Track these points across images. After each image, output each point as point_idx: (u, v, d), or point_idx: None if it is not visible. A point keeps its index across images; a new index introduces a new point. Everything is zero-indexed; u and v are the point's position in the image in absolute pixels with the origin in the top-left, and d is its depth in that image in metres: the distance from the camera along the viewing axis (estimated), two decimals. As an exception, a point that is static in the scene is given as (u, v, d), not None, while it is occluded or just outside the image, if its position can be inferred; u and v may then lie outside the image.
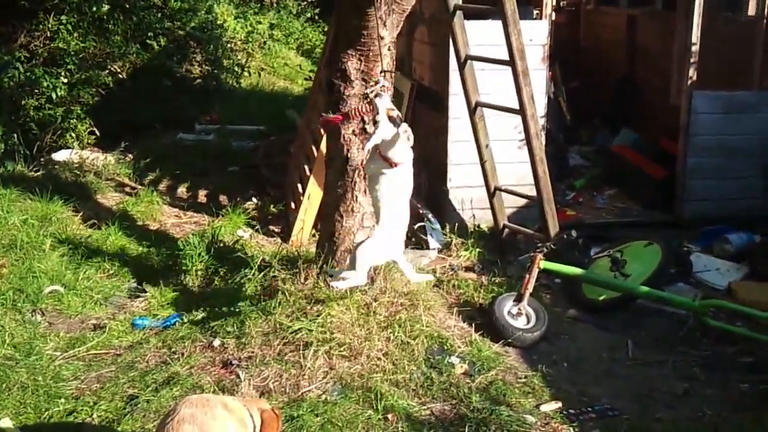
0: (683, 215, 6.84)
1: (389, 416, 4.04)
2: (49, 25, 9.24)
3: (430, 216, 6.43)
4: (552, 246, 5.41)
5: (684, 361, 4.83)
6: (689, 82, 6.68)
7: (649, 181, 7.21)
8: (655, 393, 4.48)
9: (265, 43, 13.94)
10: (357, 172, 4.81)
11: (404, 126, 4.24)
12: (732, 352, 4.92)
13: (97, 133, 8.97)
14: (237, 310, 4.84)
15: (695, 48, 6.61)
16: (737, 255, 6.19)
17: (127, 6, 9.55)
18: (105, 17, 9.32)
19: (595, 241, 6.23)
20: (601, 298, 5.43)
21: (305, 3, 17.66)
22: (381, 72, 4.65)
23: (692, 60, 6.63)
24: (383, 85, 4.57)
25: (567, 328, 5.21)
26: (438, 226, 6.38)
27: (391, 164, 4.29)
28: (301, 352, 4.40)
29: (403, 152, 4.29)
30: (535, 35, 6.35)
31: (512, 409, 4.15)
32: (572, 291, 5.62)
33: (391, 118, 4.28)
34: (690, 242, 6.42)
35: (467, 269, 5.96)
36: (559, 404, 4.27)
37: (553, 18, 6.78)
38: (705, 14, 6.59)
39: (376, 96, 4.42)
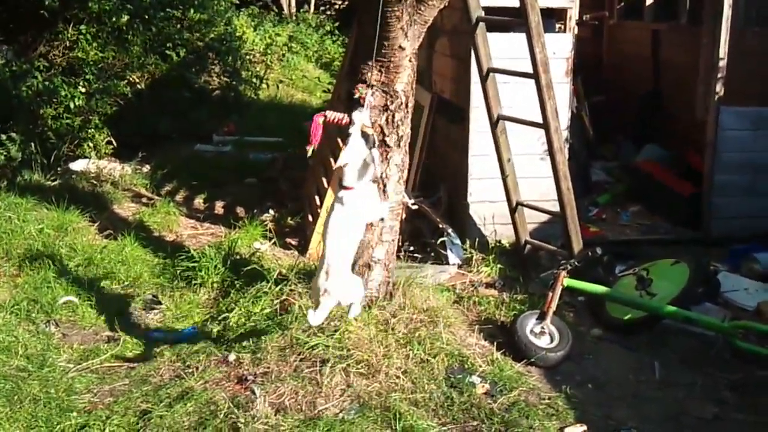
0: (710, 233, 6.70)
1: (408, 437, 3.93)
2: (69, 35, 9.27)
3: (450, 231, 6.32)
4: (576, 263, 5.28)
5: (713, 383, 4.68)
6: (716, 97, 6.55)
7: (676, 197, 7.07)
8: (684, 417, 4.34)
9: (283, 55, 13.96)
10: (375, 185, 4.71)
11: (375, 151, 4.12)
12: (762, 375, 4.75)
13: (115, 143, 8.96)
14: (253, 324, 4.74)
15: (722, 63, 6.49)
16: (766, 275, 6.04)
17: (147, 17, 9.54)
18: (124, 28, 9.33)
19: (620, 258, 6.10)
20: (627, 317, 5.29)
21: (324, 16, 17.73)
22: (368, 86, 4.52)
23: (719, 75, 6.50)
24: (363, 98, 4.38)
25: (591, 348, 5.07)
26: (458, 241, 6.27)
27: (342, 186, 4.09)
28: (317, 368, 4.29)
29: (355, 176, 4.07)
30: (559, 48, 6.25)
31: (536, 432, 4.03)
32: (596, 310, 5.48)
33: (364, 135, 4.13)
34: (717, 261, 6.27)
35: (488, 286, 5.84)
36: (584, 428, 4.13)
37: (576, 32, 6.69)
38: (732, 28, 6.47)
39: (355, 109, 4.24)
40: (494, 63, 5.88)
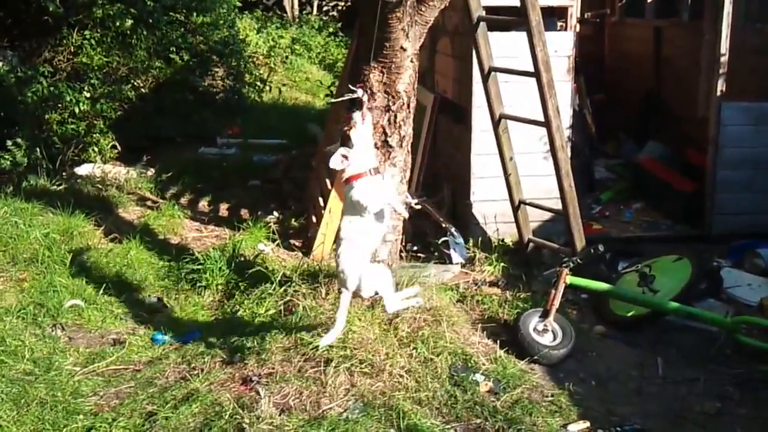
0: (712, 229, 6.70)
1: (412, 435, 3.94)
2: (73, 41, 9.34)
3: (453, 230, 6.34)
4: (578, 261, 5.29)
5: (716, 379, 4.69)
6: (718, 93, 6.55)
7: (677, 194, 7.07)
8: (687, 412, 4.35)
9: (287, 57, 13.99)
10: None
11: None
12: (765, 370, 4.75)
13: (120, 147, 9.00)
14: (257, 325, 4.77)
15: (724, 59, 6.49)
16: (769, 270, 6.04)
17: (151, 21, 9.61)
18: (128, 32, 9.39)
19: (623, 255, 6.11)
20: (630, 314, 5.30)
21: (327, 18, 17.76)
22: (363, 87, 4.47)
23: (721, 71, 6.50)
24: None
25: (594, 345, 5.08)
26: (461, 241, 6.28)
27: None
28: (321, 368, 4.31)
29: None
30: (560, 46, 6.26)
31: (539, 429, 4.04)
32: (599, 307, 5.50)
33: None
34: (720, 257, 6.28)
35: (491, 284, 5.85)
36: (588, 424, 4.14)
37: (577, 30, 6.68)
38: (733, 24, 6.47)
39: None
40: (496, 62, 5.89)
